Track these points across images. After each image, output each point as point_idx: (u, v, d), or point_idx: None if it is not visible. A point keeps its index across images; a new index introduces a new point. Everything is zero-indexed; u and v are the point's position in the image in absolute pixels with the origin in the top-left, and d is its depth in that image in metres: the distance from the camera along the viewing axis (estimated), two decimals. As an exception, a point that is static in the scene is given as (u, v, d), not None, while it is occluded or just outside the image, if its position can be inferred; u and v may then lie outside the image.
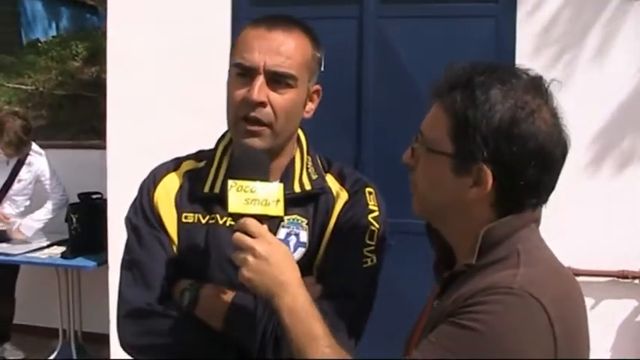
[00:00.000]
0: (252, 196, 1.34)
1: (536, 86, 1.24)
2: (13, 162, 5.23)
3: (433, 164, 1.27)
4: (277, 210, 1.36)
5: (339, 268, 1.53)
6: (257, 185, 1.35)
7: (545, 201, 1.27)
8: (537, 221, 1.29)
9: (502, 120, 1.18)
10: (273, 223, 1.46)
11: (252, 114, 1.47)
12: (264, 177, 1.38)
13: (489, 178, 1.20)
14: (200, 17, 4.13)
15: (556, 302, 1.13)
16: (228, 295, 1.49)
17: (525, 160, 1.19)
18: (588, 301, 3.79)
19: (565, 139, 1.24)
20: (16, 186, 5.27)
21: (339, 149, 3.94)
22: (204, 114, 4.04)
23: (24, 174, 5.28)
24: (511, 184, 1.20)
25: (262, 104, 1.46)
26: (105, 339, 4.40)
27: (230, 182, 1.35)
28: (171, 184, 1.62)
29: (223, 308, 1.48)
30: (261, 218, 1.34)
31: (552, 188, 1.26)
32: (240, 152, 1.49)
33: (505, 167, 1.19)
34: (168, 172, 1.64)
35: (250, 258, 1.31)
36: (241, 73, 1.49)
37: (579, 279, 3.69)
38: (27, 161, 5.27)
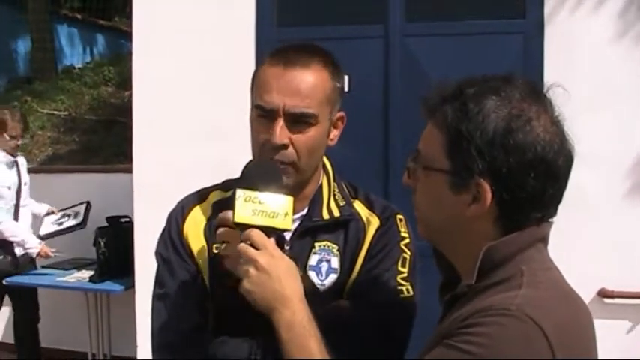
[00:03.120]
0: (260, 208, 1.32)
1: (533, 93, 1.17)
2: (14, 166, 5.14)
3: (431, 183, 1.22)
4: (285, 223, 1.33)
5: (373, 298, 1.51)
6: (266, 197, 1.33)
7: (552, 215, 1.20)
8: (544, 240, 1.21)
9: (496, 130, 1.12)
10: (304, 246, 1.51)
11: (276, 157, 1.47)
12: (275, 190, 1.36)
13: (488, 194, 1.13)
14: (224, 40, 4.14)
15: (559, 328, 1.05)
16: None
17: (525, 171, 1.12)
18: (623, 324, 3.75)
19: (569, 147, 1.17)
20: (24, 189, 5.15)
21: (367, 169, 3.91)
22: (230, 137, 4.04)
23: (25, 176, 5.20)
24: (512, 198, 1.13)
25: (284, 146, 1.46)
26: (133, 363, 4.39)
27: (238, 192, 1.33)
28: (200, 217, 1.61)
29: None
30: (267, 231, 1.32)
31: (559, 200, 1.18)
32: (253, 163, 1.48)
33: (504, 180, 1.12)
34: (195, 205, 1.63)
35: (252, 270, 1.28)
36: (262, 115, 1.48)
37: (614, 301, 3.65)
38: (20, 162, 5.20)
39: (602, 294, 3.68)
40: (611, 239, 3.74)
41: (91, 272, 5.02)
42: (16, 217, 5.05)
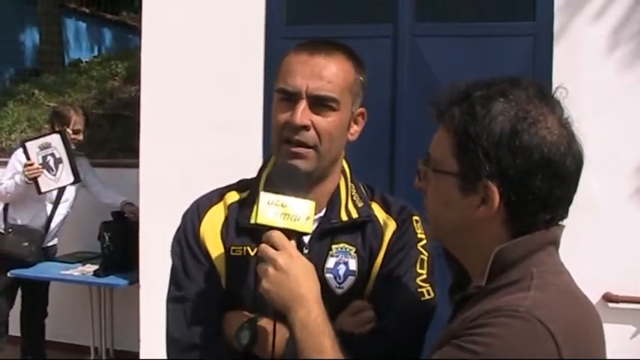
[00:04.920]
0: (283, 210, 1.35)
1: (541, 95, 1.18)
2: None
3: (441, 186, 1.24)
4: (306, 227, 1.37)
5: (394, 302, 1.52)
6: (288, 200, 1.36)
7: (562, 217, 1.21)
8: (555, 243, 1.22)
9: (503, 132, 1.13)
10: (322, 249, 1.53)
11: (296, 137, 1.48)
12: (298, 194, 1.38)
13: (496, 195, 1.15)
14: (233, 37, 4.14)
15: (567, 330, 1.06)
16: (286, 331, 1.44)
17: (531, 172, 1.13)
18: (628, 329, 3.75)
19: (577, 149, 1.18)
20: (70, 186, 5.11)
21: (373, 169, 3.90)
22: (237, 133, 4.05)
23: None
24: (520, 200, 1.15)
25: (305, 127, 1.48)
26: (135, 357, 4.40)
27: (262, 194, 1.36)
28: (216, 218, 1.61)
29: (281, 344, 1.44)
30: (288, 233, 1.35)
31: (568, 202, 1.19)
32: (279, 167, 1.50)
33: (511, 182, 1.14)
34: (212, 205, 1.63)
35: (271, 269, 1.31)
36: (285, 98, 1.50)
37: (619, 305, 3.64)
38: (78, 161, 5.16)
39: (607, 298, 3.68)
40: (617, 243, 3.73)
41: (96, 266, 5.02)
42: (53, 211, 5.07)
